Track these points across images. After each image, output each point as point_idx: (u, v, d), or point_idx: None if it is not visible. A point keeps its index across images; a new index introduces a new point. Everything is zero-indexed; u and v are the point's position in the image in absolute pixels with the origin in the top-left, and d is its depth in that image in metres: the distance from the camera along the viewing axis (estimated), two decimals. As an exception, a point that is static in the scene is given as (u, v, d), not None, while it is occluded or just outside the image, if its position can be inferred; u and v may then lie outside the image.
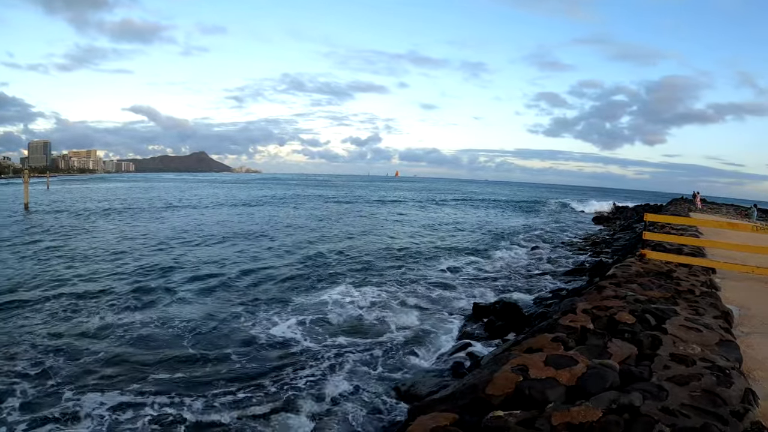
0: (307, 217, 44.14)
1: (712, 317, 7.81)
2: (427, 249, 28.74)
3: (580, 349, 5.97)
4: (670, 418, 4.26)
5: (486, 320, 13.40)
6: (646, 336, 6.48)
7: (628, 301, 8.38)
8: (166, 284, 17.80)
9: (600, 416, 4.24)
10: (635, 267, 11.76)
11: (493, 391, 4.91)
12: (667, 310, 7.82)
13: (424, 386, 8.99)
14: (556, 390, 4.87)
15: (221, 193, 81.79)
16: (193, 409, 9.01)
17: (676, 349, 6.12)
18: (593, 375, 5.12)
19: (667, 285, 9.96)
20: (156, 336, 12.72)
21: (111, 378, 10.18)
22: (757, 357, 6.86)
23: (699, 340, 6.52)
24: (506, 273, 22.90)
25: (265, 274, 20.09)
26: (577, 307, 7.81)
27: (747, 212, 48.73)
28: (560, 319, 7.20)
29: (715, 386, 5.05)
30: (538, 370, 5.18)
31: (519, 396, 4.81)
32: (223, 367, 10.97)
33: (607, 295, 8.80)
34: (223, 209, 49.45)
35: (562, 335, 6.45)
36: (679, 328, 6.96)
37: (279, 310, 15.18)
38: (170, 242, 27.20)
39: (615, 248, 28.02)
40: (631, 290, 9.26)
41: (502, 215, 59.44)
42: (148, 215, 41.38)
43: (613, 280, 10.26)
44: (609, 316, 7.34)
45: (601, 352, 5.87)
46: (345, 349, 12.19)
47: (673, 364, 5.63)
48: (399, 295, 17.65)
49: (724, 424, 4.21)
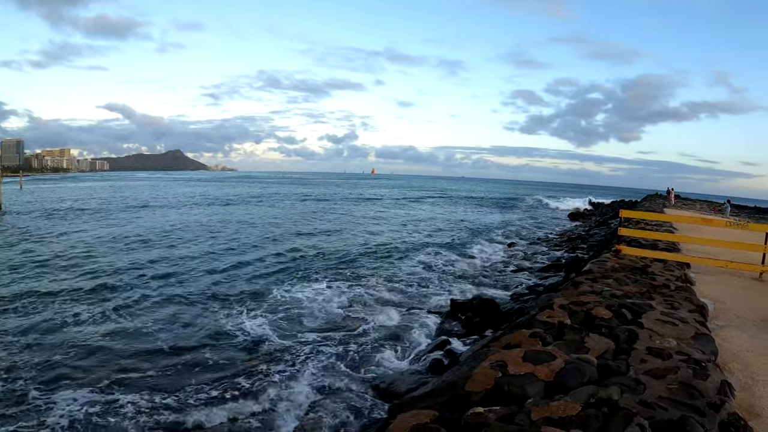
0: (283, 216, 43.78)
1: (687, 311, 7.90)
2: (404, 245, 28.76)
3: (558, 344, 6.00)
4: (648, 411, 4.28)
5: (463, 316, 13.40)
6: (623, 330, 6.53)
7: (604, 296, 8.45)
8: (140, 283, 17.58)
9: (579, 410, 4.25)
10: (611, 262, 11.86)
11: (472, 387, 4.90)
12: (642, 304, 7.89)
13: (403, 384, 8.98)
14: (534, 385, 4.87)
15: (196, 192, 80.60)
16: (166, 405, 9.00)
17: (653, 342, 6.17)
18: (571, 370, 5.13)
19: (642, 280, 10.07)
20: (130, 333, 12.66)
21: (84, 373, 10.18)
22: (732, 350, 6.96)
23: (675, 334, 6.59)
24: (483, 269, 23.01)
25: (240, 271, 19.99)
26: (554, 302, 7.84)
27: (720, 208, 49.60)
28: (537, 314, 7.22)
29: (691, 379, 5.09)
30: (517, 366, 5.18)
31: (498, 392, 4.80)
32: (197, 363, 10.96)
33: (583, 290, 8.86)
34: (198, 208, 48.79)
35: (540, 331, 6.46)
36: (655, 322, 7.03)
37: (254, 306, 15.17)
38: (145, 242, 26.72)
39: (591, 244, 28.26)
40: (607, 285, 9.34)
41: (479, 212, 59.69)
42: (123, 215, 40.59)
43: (590, 275, 10.34)
44: (586, 311, 7.38)
45: (578, 347, 5.90)
46: (321, 345, 12.17)
47: (649, 357, 5.67)
48: (376, 291, 17.62)
49: (702, 416, 4.24)
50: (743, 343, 7.30)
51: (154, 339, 12.34)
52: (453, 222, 44.65)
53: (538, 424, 4.06)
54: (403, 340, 12.65)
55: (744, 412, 4.92)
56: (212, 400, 9.27)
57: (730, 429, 4.18)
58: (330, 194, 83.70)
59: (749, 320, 8.53)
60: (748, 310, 9.15)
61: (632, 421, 4.02)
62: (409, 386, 8.69)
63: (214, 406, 8.99)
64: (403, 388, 8.72)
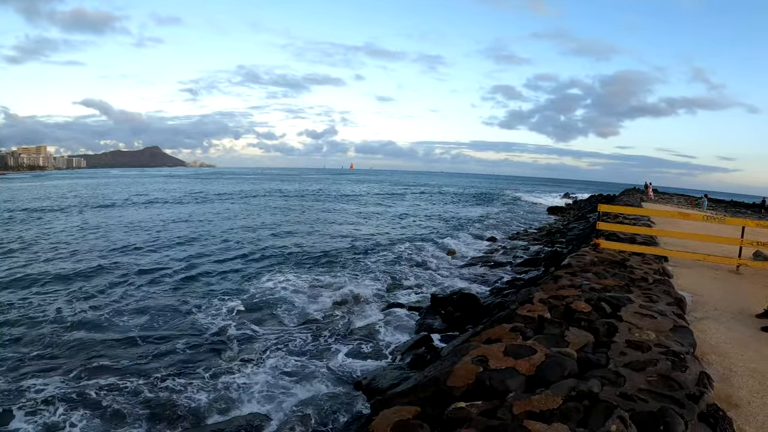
0: (261, 211, 43.52)
1: (665, 304, 7.98)
2: (384, 240, 28.84)
3: (538, 338, 6.01)
4: (629, 403, 4.30)
5: (444, 311, 13.43)
6: (602, 324, 6.57)
7: (583, 290, 8.50)
8: (117, 279, 17.49)
9: (560, 403, 4.26)
10: (589, 256, 11.95)
11: (454, 382, 4.88)
12: (621, 297, 7.95)
13: (384, 379, 8.97)
14: (516, 379, 4.87)
15: (171, 188, 79.69)
16: (135, 389, 9.28)
17: (632, 335, 6.21)
18: (552, 363, 5.14)
19: (621, 273, 10.16)
20: (103, 325, 12.80)
21: (55, 361, 10.52)
22: (711, 341, 7.03)
23: (654, 327, 6.64)
24: (463, 264, 23.10)
25: (215, 267, 19.94)
26: (534, 297, 7.87)
27: (697, 202, 50.31)
28: (518, 309, 7.24)
29: (670, 371, 5.13)
30: (498, 361, 5.18)
31: (480, 387, 4.80)
32: (169, 354, 11.13)
33: (563, 284, 8.91)
34: (174, 207, 48.21)
35: (520, 325, 6.48)
36: (633, 315, 7.09)
37: (231, 299, 15.26)
38: (122, 239, 26.40)
39: (569, 238, 28.48)
40: (587, 279, 9.41)
41: (458, 207, 59.92)
42: (100, 212, 40.10)
43: (569, 269, 10.40)
44: (565, 305, 7.42)
45: (558, 341, 5.92)
46: (297, 340, 12.23)
47: (629, 350, 5.71)
48: (355, 287, 17.62)
49: (681, 407, 4.27)
50: (721, 335, 7.38)
51: (127, 329, 12.54)
52: (432, 217, 44.82)
53: (520, 418, 4.06)
54: (384, 335, 12.67)
55: (723, 403, 4.96)
56: (183, 387, 9.50)
57: (710, 420, 4.21)
58: (309, 191, 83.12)
59: (727, 312, 8.64)
60: (725, 303, 9.27)
61: (613, 414, 4.04)
62: (391, 382, 8.69)
63: (182, 393, 9.23)
64: (385, 384, 8.71)
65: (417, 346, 11.07)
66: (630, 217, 21.11)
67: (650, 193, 55.47)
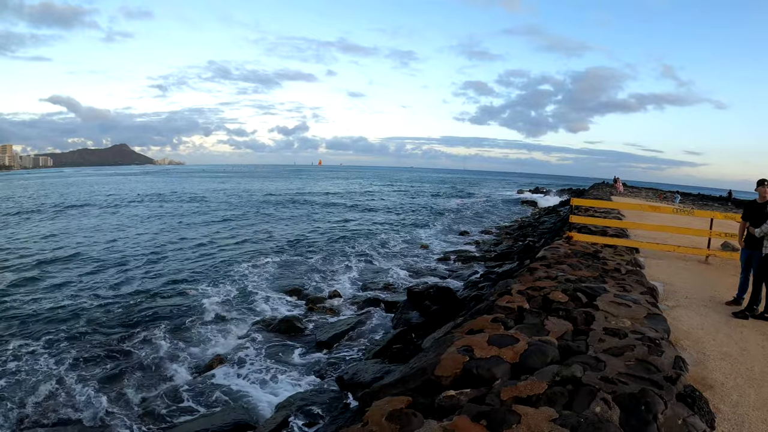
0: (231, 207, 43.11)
1: (639, 293, 8.22)
2: (357, 237, 28.87)
3: (520, 327, 6.16)
4: (610, 386, 4.46)
5: (421, 305, 13.54)
6: (580, 313, 6.76)
7: (559, 281, 8.71)
8: (92, 281, 17.34)
9: (545, 388, 4.40)
10: (563, 249, 12.19)
11: (442, 372, 4.99)
12: (596, 288, 8.17)
13: (366, 373, 9.03)
14: (501, 367, 5.00)
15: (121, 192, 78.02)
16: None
17: (609, 323, 6.41)
18: (535, 351, 5.29)
19: (594, 265, 10.41)
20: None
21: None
22: (683, 328, 7.29)
23: (629, 315, 6.86)
24: (437, 258, 23.27)
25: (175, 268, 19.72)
26: (512, 288, 8.05)
27: (665, 195, 51.38)
28: (497, 300, 7.40)
29: (647, 355, 5.32)
30: (483, 350, 5.31)
31: (467, 375, 4.91)
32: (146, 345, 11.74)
33: (539, 276, 9.12)
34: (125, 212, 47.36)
35: (501, 316, 6.63)
36: (609, 304, 7.30)
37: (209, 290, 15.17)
38: (101, 240, 26.02)
39: (541, 231, 28.88)
40: (562, 271, 9.62)
41: (430, 202, 59.99)
42: (66, 214, 39.18)
43: (544, 262, 10.62)
44: (543, 295, 7.61)
45: (539, 330, 6.08)
46: (275, 337, 12.42)
47: (607, 337, 5.89)
48: (334, 280, 17.71)
49: (660, 389, 4.44)
50: (693, 322, 7.66)
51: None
52: (404, 213, 44.91)
53: (508, 403, 4.19)
54: (364, 332, 12.76)
55: (698, 385, 5.17)
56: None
57: (687, 400, 4.38)
58: (274, 189, 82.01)
59: (697, 300, 8.95)
60: (696, 291, 9.60)
61: (596, 396, 4.19)
62: (373, 375, 8.75)
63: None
64: (367, 378, 8.77)
65: (396, 340, 11.18)
66: (601, 210, 21.52)
67: (620, 186, 56.34)
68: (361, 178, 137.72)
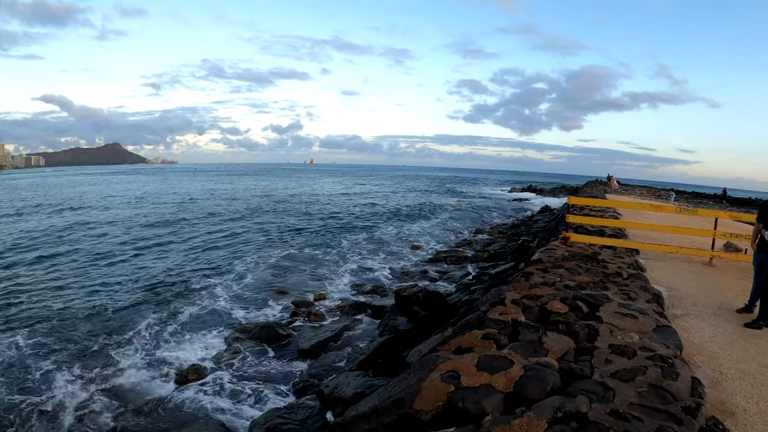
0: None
1: (644, 301, 7.50)
2: (348, 237, 28.15)
3: (514, 346, 5.38)
4: (622, 423, 3.75)
5: (409, 310, 12.87)
6: (582, 326, 6.01)
7: (557, 287, 7.96)
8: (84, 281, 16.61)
9: (545, 428, 3.67)
10: (560, 251, 11.47)
11: (422, 405, 4.22)
12: (598, 295, 7.43)
13: (348, 387, 8.38)
14: (492, 398, 4.23)
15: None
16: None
17: (615, 339, 5.68)
18: (532, 377, 4.51)
19: (594, 269, 9.68)
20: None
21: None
22: (694, 341, 6.57)
23: (636, 328, 6.14)
24: (428, 258, 22.68)
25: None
26: (506, 297, 7.27)
27: (659, 193, 51.00)
28: (489, 312, 6.61)
29: (661, 379, 4.63)
30: (471, 377, 4.52)
31: (452, 410, 4.14)
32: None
33: (535, 282, 8.35)
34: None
35: (493, 331, 5.84)
36: (613, 315, 6.56)
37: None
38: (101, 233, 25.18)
39: (535, 230, 28.31)
40: (560, 276, 8.87)
41: (422, 201, 59.18)
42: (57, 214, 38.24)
43: (540, 265, 9.87)
44: (540, 305, 6.84)
45: (536, 349, 5.31)
46: (253, 347, 11.71)
47: (614, 357, 5.16)
48: (324, 280, 17.09)
49: (679, 424, 3.78)
50: (705, 333, 6.93)
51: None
52: (395, 212, 44.14)
53: (500, 448, 3.46)
54: (348, 338, 12.11)
55: (717, 412, 4.50)
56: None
57: (711, 436, 3.70)
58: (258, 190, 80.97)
59: (707, 308, 8.22)
60: (703, 297, 8.87)
61: (607, 438, 3.47)
62: (355, 390, 8.12)
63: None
64: (348, 393, 8.13)
65: (381, 350, 10.47)
66: (596, 209, 20.83)
67: (614, 183, 55.88)
68: (353, 176, 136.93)
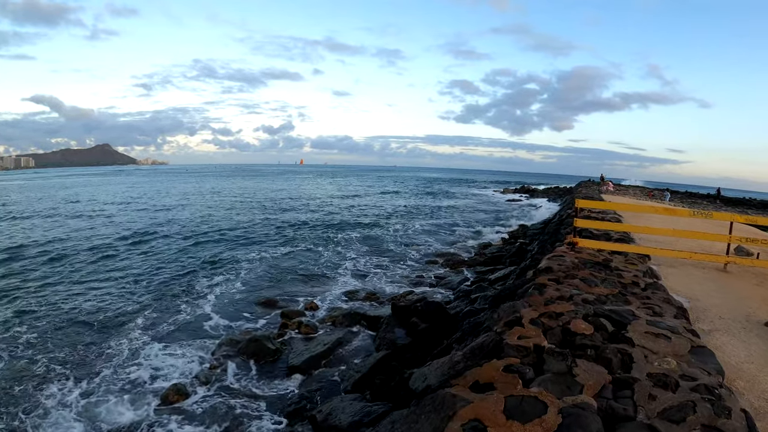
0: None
1: (672, 316, 6.76)
2: (342, 241, 27.47)
3: (543, 381, 4.57)
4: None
5: (408, 322, 12.09)
6: (613, 351, 5.24)
7: (576, 302, 7.19)
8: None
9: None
10: (569, 258, 10.72)
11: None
12: (622, 311, 6.67)
13: (343, 414, 7.64)
14: (529, 460, 3.46)
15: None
16: None
17: (652, 366, 4.94)
18: (572, 425, 3.71)
19: (610, 278, 8.92)
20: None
21: None
22: (731, 362, 5.84)
23: (671, 350, 5.40)
24: (425, 262, 21.98)
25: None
26: (523, 316, 6.48)
27: (653, 193, 50.62)
28: (506, 335, 5.82)
29: (714, 419, 3.94)
30: (500, 428, 3.68)
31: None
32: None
33: (551, 296, 7.58)
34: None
35: (515, 360, 5.03)
36: (644, 336, 5.80)
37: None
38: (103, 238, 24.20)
39: (533, 232, 27.75)
40: (575, 287, 8.10)
41: (415, 202, 58.53)
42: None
43: (551, 275, 9.10)
44: (562, 325, 6.06)
45: (570, 384, 4.50)
46: (239, 363, 10.96)
47: (656, 390, 4.41)
48: (309, 290, 16.40)
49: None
50: (740, 352, 6.21)
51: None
52: (388, 214, 43.35)
53: None
54: (342, 353, 11.35)
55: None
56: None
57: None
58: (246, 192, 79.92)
59: (734, 321, 7.50)
60: (728, 309, 8.14)
61: None
62: (351, 418, 7.40)
63: None
64: (344, 421, 7.41)
65: (379, 367, 9.72)
66: (595, 212, 20.14)
67: (610, 185, 55.28)
68: (344, 177, 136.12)
